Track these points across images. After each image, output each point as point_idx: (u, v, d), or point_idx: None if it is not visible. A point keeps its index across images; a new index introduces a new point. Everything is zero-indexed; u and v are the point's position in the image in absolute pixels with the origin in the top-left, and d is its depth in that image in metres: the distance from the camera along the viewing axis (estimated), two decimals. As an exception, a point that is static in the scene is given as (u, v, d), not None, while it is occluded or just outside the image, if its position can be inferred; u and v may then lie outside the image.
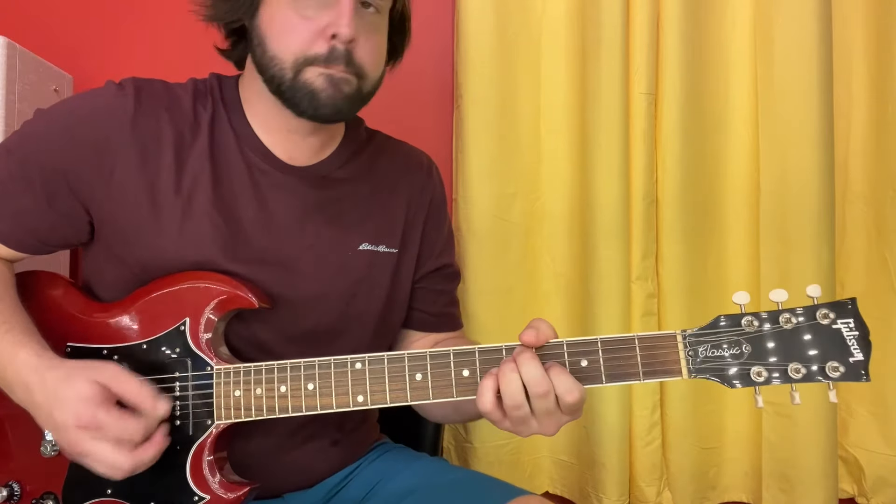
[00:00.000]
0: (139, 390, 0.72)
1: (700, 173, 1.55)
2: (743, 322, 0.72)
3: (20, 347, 0.75)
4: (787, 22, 1.48)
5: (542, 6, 1.56)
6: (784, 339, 0.71)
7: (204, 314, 0.81)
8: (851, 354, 0.69)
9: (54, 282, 0.89)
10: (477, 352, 0.75)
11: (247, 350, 0.86)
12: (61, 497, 0.80)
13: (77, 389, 0.71)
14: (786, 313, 0.71)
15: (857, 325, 0.70)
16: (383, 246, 0.94)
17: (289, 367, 0.77)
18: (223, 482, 0.78)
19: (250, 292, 0.82)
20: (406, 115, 1.57)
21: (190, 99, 0.88)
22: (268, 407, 0.77)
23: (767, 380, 0.70)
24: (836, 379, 0.69)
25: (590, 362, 0.73)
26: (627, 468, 1.55)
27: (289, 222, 0.88)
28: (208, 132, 0.86)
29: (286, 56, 0.80)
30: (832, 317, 0.70)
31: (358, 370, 0.76)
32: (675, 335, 0.72)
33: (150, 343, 0.80)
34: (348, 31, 0.78)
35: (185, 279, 0.82)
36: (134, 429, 0.70)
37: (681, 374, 0.72)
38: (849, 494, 1.63)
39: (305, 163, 0.91)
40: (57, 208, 0.84)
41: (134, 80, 0.87)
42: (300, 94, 0.80)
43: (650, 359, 0.72)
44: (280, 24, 0.81)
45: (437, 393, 0.75)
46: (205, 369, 0.79)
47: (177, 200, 0.83)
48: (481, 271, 1.51)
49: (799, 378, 0.70)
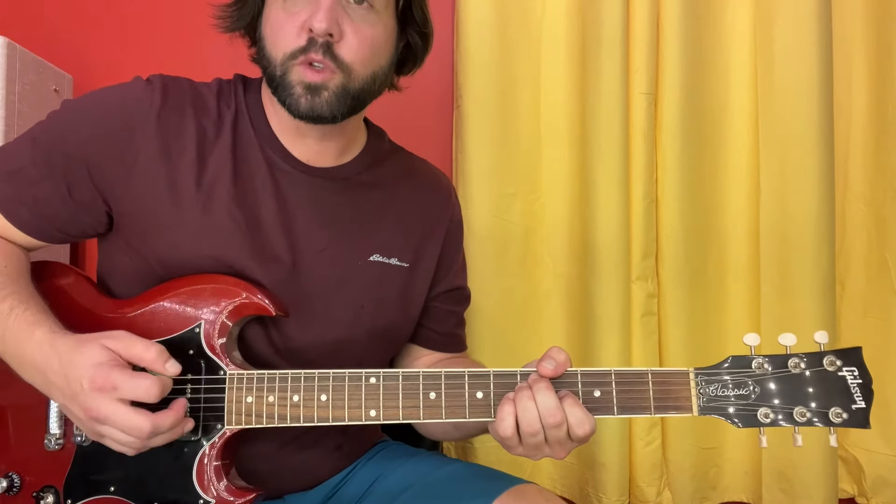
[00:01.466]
0: (148, 352, 0.73)
1: (700, 173, 1.55)
2: (753, 364, 0.74)
3: (36, 327, 0.75)
4: (787, 22, 1.48)
5: (542, 6, 1.56)
6: (791, 383, 0.73)
7: (219, 318, 0.80)
8: (854, 402, 0.72)
9: (66, 273, 0.89)
10: (492, 375, 0.75)
11: (258, 352, 0.86)
12: (62, 491, 0.79)
13: (90, 354, 0.71)
14: (794, 358, 0.74)
15: (861, 373, 0.73)
16: (395, 259, 0.93)
17: (303, 377, 0.77)
18: (228, 487, 0.77)
19: (267, 298, 0.82)
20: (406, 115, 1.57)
21: (214, 97, 0.89)
22: (279, 415, 0.77)
23: (773, 422, 0.73)
24: (839, 425, 0.72)
25: (602, 393, 0.74)
26: (627, 468, 1.55)
27: (305, 223, 0.88)
28: (231, 130, 0.87)
29: (276, 54, 0.81)
30: (838, 364, 0.73)
31: (372, 385, 0.76)
32: (687, 372, 0.74)
33: (164, 343, 0.79)
34: (322, 25, 0.77)
35: (202, 281, 0.82)
36: (149, 384, 0.70)
37: (691, 411, 0.74)
38: (849, 494, 1.63)
39: (326, 164, 0.91)
40: (77, 198, 0.84)
41: (162, 77, 0.88)
42: (285, 95, 0.81)
43: (662, 394, 0.74)
44: (272, 23, 0.82)
45: (449, 413, 0.75)
46: (217, 373, 0.79)
47: (197, 195, 0.83)
48: (481, 271, 1.51)
49: (803, 422, 0.73)
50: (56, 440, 0.79)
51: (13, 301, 0.77)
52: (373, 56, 0.84)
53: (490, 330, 1.50)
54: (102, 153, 0.83)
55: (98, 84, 0.89)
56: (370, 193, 0.94)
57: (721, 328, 1.58)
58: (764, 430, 0.74)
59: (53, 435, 0.79)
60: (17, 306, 0.77)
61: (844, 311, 1.60)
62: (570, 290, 1.55)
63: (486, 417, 0.75)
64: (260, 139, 0.88)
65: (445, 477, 0.91)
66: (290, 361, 0.87)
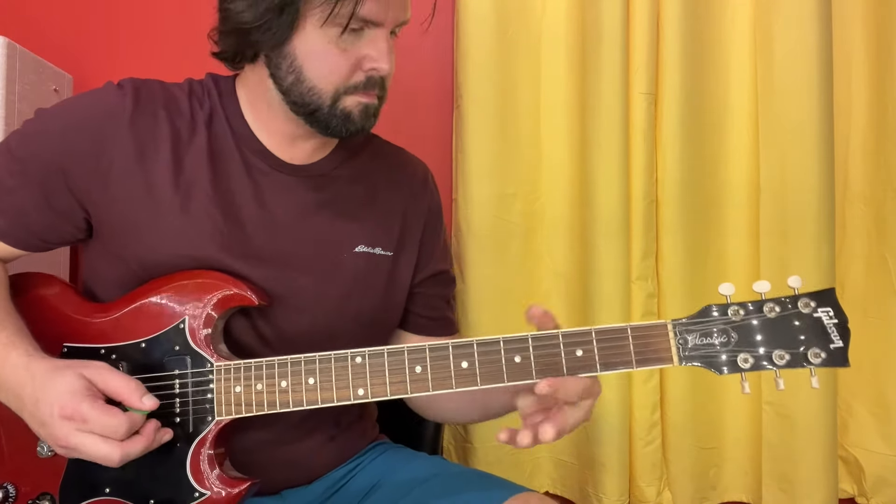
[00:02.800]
0: (125, 386, 0.72)
1: (700, 173, 1.55)
2: (730, 311, 0.75)
3: (11, 349, 0.75)
4: (787, 22, 1.48)
5: (542, 6, 1.56)
6: (768, 327, 0.74)
7: (203, 312, 0.81)
8: (832, 341, 0.73)
9: (49, 282, 0.88)
10: (475, 344, 0.76)
11: (246, 346, 0.86)
12: (58, 497, 0.79)
13: (64, 382, 0.71)
14: (770, 303, 0.75)
15: (836, 313, 0.75)
16: (379, 248, 0.95)
17: (289, 363, 0.78)
18: (223, 478, 0.78)
19: (249, 289, 0.82)
20: (406, 115, 1.57)
21: (186, 98, 0.89)
22: (269, 402, 0.77)
23: (753, 366, 0.73)
24: (818, 365, 0.73)
25: (584, 351, 0.75)
26: (627, 468, 1.55)
27: (287, 221, 0.89)
28: (206, 131, 0.87)
29: (326, 87, 0.82)
30: (813, 305, 0.74)
31: (358, 364, 0.77)
32: (665, 324, 0.75)
33: (149, 341, 0.80)
34: (388, 67, 0.83)
35: (184, 277, 0.82)
36: (117, 424, 0.70)
37: (672, 361, 0.74)
38: (849, 494, 1.63)
39: (303, 161, 0.92)
40: (55, 206, 0.84)
41: (132, 81, 0.88)
42: (335, 120, 0.84)
43: (642, 347, 0.74)
44: (320, 57, 0.82)
45: (436, 384, 0.76)
46: (205, 366, 0.79)
47: (174, 197, 0.84)
48: (481, 271, 1.51)
49: (783, 364, 0.73)
50: (49, 448, 0.79)
51: None
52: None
53: (489, 330, 1.50)
54: (78, 161, 0.83)
55: (98, 84, 0.89)
56: (350, 186, 0.95)
57: (721, 328, 1.58)
58: (745, 376, 0.74)
59: (46, 442, 0.78)
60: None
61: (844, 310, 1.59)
62: (569, 290, 1.55)
63: (473, 386, 0.75)
64: (236, 138, 0.89)
65: (449, 481, 0.92)
66: (278, 352, 0.87)
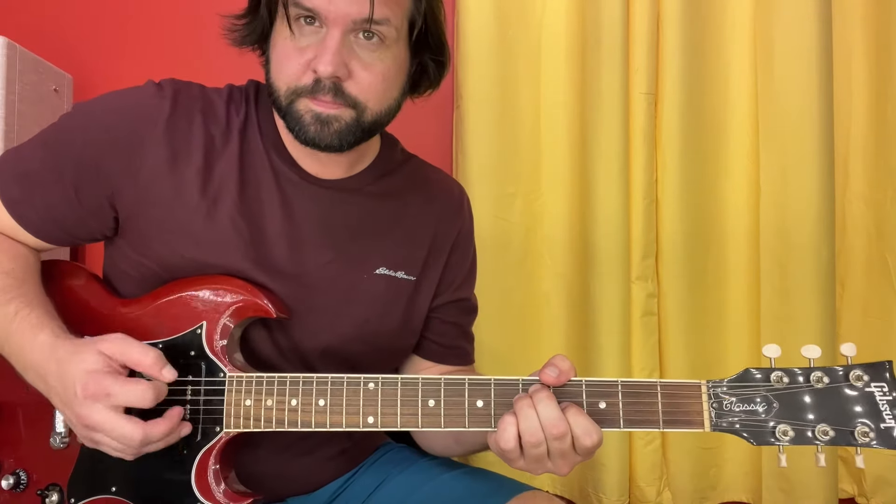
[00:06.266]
0: (145, 356, 0.72)
1: (700, 173, 1.55)
2: (772, 377, 0.68)
3: (39, 330, 0.75)
4: (787, 22, 1.48)
5: (542, 6, 1.56)
6: (814, 398, 0.68)
7: (221, 319, 0.80)
8: (883, 420, 0.66)
9: (75, 272, 0.89)
10: (493, 383, 0.73)
11: (264, 356, 0.86)
12: (66, 489, 0.80)
13: (84, 361, 0.71)
14: (817, 371, 0.68)
15: (890, 388, 0.67)
16: (402, 272, 0.92)
17: (301, 381, 0.76)
18: (227, 491, 0.77)
19: (268, 300, 0.81)
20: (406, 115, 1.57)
21: (224, 104, 0.88)
22: (277, 420, 0.76)
23: (794, 440, 0.67)
24: (865, 445, 0.66)
25: (608, 405, 0.70)
26: (627, 468, 1.55)
27: (311, 235, 0.87)
28: (239, 138, 0.86)
29: (280, 84, 0.80)
30: (865, 379, 0.67)
31: (370, 390, 0.75)
32: (699, 385, 0.69)
33: (166, 344, 0.80)
34: (328, 69, 0.76)
35: (206, 283, 0.82)
36: (143, 390, 0.70)
37: (703, 426, 0.69)
38: (849, 494, 1.63)
39: (334, 176, 0.90)
40: (85, 202, 0.84)
41: (173, 83, 0.87)
42: (293, 123, 0.81)
43: (672, 407, 0.69)
44: (279, 52, 0.81)
45: (448, 421, 0.73)
46: (218, 375, 0.78)
47: (202, 203, 0.83)
48: (481, 271, 1.50)
49: (826, 441, 0.67)
50: (62, 439, 0.79)
51: (19, 304, 0.77)
52: (385, 90, 0.83)
53: (489, 330, 1.50)
54: (111, 159, 0.83)
55: (98, 84, 0.89)
56: (380, 205, 0.92)
57: (721, 328, 1.58)
58: (783, 448, 0.68)
59: (59, 433, 0.79)
60: (22, 309, 0.77)
61: (844, 311, 1.60)
62: (569, 290, 1.55)
63: (487, 427, 0.72)
64: (268, 148, 0.88)
65: (450, 483, 0.91)
66: (294, 365, 0.87)
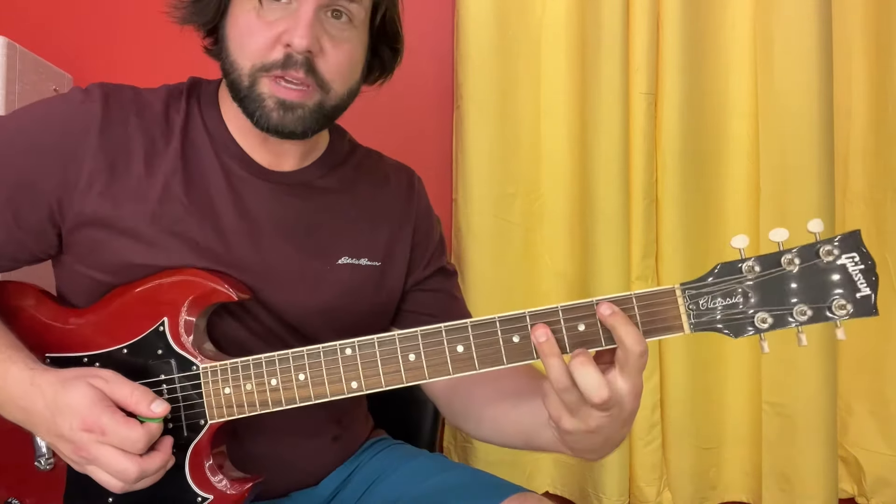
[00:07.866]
0: (131, 395, 0.71)
1: (700, 173, 1.55)
2: (743, 268, 0.67)
3: (10, 364, 0.73)
4: (787, 22, 1.48)
5: (542, 6, 1.56)
6: (788, 281, 0.66)
7: (182, 312, 0.78)
8: (858, 290, 0.65)
9: (23, 292, 0.85)
10: (469, 326, 0.71)
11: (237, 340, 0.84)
12: None
13: (79, 393, 0.69)
14: (787, 254, 0.66)
15: (862, 258, 0.66)
16: (365, 259, 0.91)
17: (277, 360, 0.75)
18: (225, 479, 0.76)
19: (227, 284, 0.79)
20: (406, 116, 1.57)
21: (161, 104, 0.85)
22: (260, 402, 0.75)
23: (774, 325, 0.66)
24: (845, 317, 0.65)
25: (587, 326, 0.69)
26: (627, 468, 1.55)
27: (269, 231, 0.85)
28: (181, 136, 0.83)
29: (244, 62, 0.78)
30: (836, 253, 0.66)
31: (348, 356, 0.73)
32: (673, 289, 0.68)
33: (131, 347, 0.78)
34: (303, 42, 0.74)
35: (159, 276, 0.79)
36: (136, 437, 0.69)
37: (682, 329, 0.67)
38: (849, 494, 1.63)
39: (286, 168, 0.88)
40: (24, 225, 0.80)
41: (101, 86, 0.83)
42: (253, 107, 0.78)
43: (650, 316, 0.68)
44: (242, 27, 0.78)
45: (432, 372, 0.72)
46: (191, 369, 0.76)
47: (146, 206, 0.80)
48: (481, 271, 1.51)
49: (805, 320, 0.65)
50: (46, 460, 0.77)
51: None
52: (350, 72, 0.82)
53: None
54: (45, 175, 0.79)
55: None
56: (333, 197, 0.91)
57: (721, 328, 1.58)
58: (764, 335, 0.67)
59: (44, 455, 0.77)
60: None
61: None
62: (569, 290, 1.55)
63: (471, 370, 0.71)
64: (215, 145, 0.85)
65: (446, 482, 0.91)
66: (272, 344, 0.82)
